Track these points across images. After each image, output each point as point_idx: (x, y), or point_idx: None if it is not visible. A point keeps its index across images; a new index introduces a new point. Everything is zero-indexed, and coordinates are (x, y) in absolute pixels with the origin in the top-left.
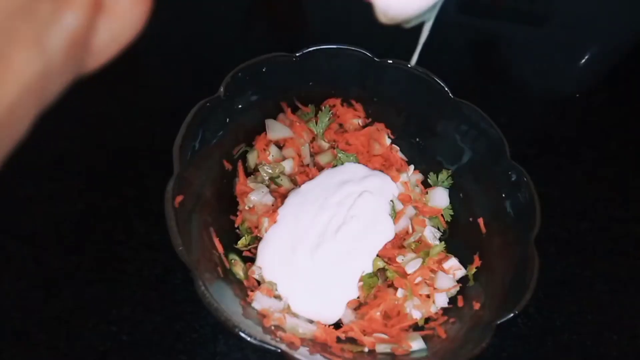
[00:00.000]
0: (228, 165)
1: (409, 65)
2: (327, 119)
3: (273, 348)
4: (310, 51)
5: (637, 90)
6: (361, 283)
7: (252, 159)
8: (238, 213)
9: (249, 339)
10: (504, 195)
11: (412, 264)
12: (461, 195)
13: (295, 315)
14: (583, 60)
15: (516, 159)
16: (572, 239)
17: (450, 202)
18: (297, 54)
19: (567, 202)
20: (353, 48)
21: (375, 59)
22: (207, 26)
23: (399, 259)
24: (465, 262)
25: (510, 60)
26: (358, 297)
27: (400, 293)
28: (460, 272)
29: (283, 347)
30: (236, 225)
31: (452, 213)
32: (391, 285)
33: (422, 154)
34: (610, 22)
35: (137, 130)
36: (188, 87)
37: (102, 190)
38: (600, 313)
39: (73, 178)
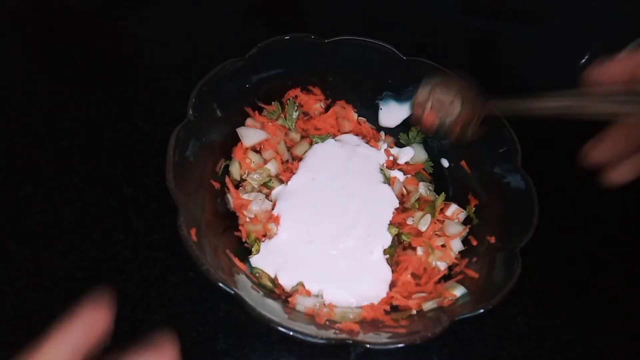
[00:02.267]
0: (217, 185)
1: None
2: (294, 110)
3: (340, 343)
4: (260, 47)
5: None
6: (387, 256)
7: (235, 171)
8: (240, 227)
9: (319, 341)
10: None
11: (423, 222)
12: (435, 145)
13: (335, 305)
14: (583, 60)
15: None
16: (572, 238)
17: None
18: (249, 54)
19: (567, 201)
20: (302, 34)
21: (325, 40)
22: (207, 26)
23: (409, 221)
24: (462, 206)
25: (510, 60)
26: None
27: (419, 251)
28: (463, 214)
29: (344, 336)
30: (244, 240)
31: (432, 164)
32: (407, 247)
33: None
34: (610, 22)
35: (136, 130)
36: (187, 87)
37: (101, 190)
38: (600, 313)
39: (73, 178)
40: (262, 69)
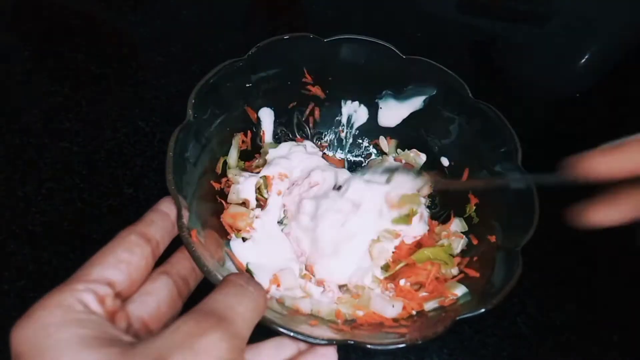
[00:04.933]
0: (217, 185)
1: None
2: None
3: (341, 343)
4: (260, 47)
5: (637, 90)
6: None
7: (233, 160)
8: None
9: (320, 342)
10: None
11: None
12: (436, 148)
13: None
14: (583, 60)
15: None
16: (572, 238)
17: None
18: (248, 54)
19: (568, 201)
20: (301, 34)
21: (324, 39)
22: (207, 26)
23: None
24: (463, 205)
25: (510, 60)
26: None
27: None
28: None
29: (346, 337)
30: (228, 231)
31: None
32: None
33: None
34: (610, 22)
35: (136, 130)
36: (187, 87)
37: (101, 190)
38: (600, 313)
39: (73, 178)
40: (262, 69)
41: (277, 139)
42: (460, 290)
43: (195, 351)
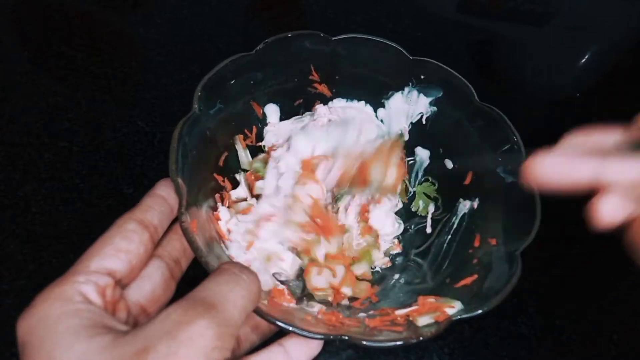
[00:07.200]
0: (219, 178)
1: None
2: None
3: (337, 338)
4: (268, 43)
5: (637, 90)
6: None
7: (244, 160)
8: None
9: (315, 336)
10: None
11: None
12: (441, 150)
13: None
14: (583, 60)
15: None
16: (572, 238)
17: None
18: (256, 49)
19: (568, 201)
20: (309, 31)
21: (332, 38)
22: (207, 26)
23: None
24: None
25: (510, 60)
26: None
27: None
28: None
29: (341, 332)
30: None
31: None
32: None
33: None
34: (610, 22)
35: (136, 130)
36: (187, 86)
37: (101, 190)
38: (600, 313)
39: (73, 178)
40: (269, 65)
41: None
42: (456, 304)
43: (180, 340)
